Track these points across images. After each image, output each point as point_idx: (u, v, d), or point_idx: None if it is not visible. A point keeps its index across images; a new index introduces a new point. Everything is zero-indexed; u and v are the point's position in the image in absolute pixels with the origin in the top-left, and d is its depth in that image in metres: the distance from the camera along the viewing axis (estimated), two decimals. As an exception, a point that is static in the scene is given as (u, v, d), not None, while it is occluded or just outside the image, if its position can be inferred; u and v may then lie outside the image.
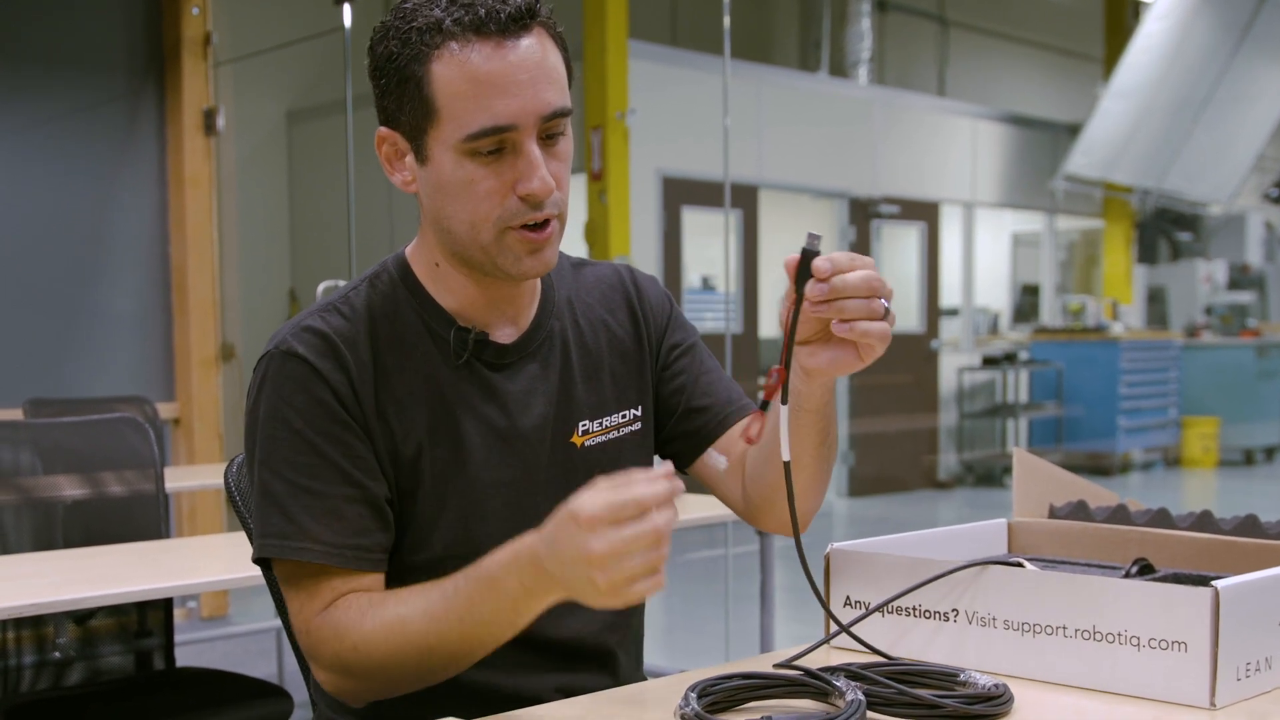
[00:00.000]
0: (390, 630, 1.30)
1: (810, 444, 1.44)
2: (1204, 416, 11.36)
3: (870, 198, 9.74)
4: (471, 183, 1.35)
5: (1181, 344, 11.58)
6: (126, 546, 2.62)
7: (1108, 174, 11.41)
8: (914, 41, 12.92)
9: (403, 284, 1.47)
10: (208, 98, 5.56)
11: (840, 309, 1.26)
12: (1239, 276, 13.49)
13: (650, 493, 1.13)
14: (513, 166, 1.35)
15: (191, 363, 5.54)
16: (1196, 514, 1.57)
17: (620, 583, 1.14)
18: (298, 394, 1.38)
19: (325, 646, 1.34)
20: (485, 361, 1.47)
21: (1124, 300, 12.32)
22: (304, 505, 1.35)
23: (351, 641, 1.32)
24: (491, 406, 1.46)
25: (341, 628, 1.33)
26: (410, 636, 1.29)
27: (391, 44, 1.35)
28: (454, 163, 1.35)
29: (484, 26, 1.31)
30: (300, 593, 1.36)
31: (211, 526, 5.60)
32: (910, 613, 1.36)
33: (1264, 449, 11.68)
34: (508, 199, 1.35)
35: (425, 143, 1.36)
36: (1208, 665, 1.17)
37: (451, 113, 1.33)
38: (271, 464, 1.37)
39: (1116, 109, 10.94)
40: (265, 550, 1.36)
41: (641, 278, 1.65)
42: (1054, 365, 10.91)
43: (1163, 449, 11.38)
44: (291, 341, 1.40)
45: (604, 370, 1.55)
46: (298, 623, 1.37)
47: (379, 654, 1.31)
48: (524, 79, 1.32)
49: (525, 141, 1.34)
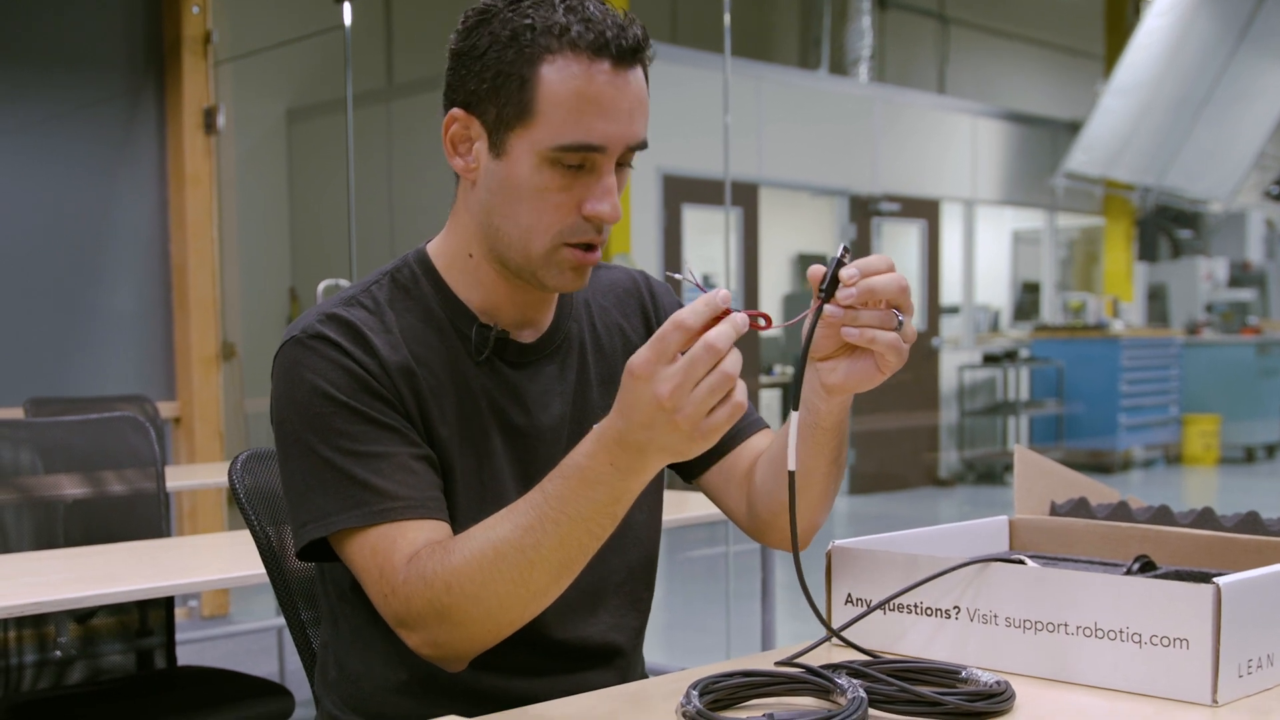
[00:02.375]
0: (482, 557, 1.25)
1: (823, 461, 1.45)
2: (1205, 414, 11.36)
3: (871, 195, 9.74)
4: (545, 190, 1.35)
5: (1182, 341, 11.58)
6: (127, 545, 2.62)
7: (1108, 171, 11.41)
8: (914, 39, 12.93)
9: (425, 278, 1.47)
10: (208, 96, 5.56)
11: (855, 316, 1.27)
12: (1240, 274, 13.50)
13: (689, 319, 1.14)
14: (587, 185, 1.36)
15: (192, 361, 5.54)
16: (1198, 511, 1.56)
17: (698, 416, 1.13)
18: (334, 370, 1.36)
19: (416, 599, 1.28)
20: (506, 360, 1.47)
21: (1125, 298, 12.32)
22: (374, 469, 1.33)
23: (444, 582, 1.27)
24: (511, 404, 1.46)
25: (429, 574, 1.28)
26: (506, 557, 1.24)
27: (500, 32, 1.34)
28: (533, 166, 1.34)
29: (605, 49, 1.32)
30: (377, 558, 1.32)
31: (212, 525, 5.60)
32: (912, 610, 1.36)
33: (1265, 446, 11.68)
34: (573, 215, 1.36)
35: (507, 138, 1.35)
36: (1209, 662, 1.17)
37: (550, 119, 1.33)
38: (328, 439, 1.34)
39: (1117, 106, 10.94)
40: (351, 521, 1.32)
41: (657, 285, 1.66)
42: (1055, 363, 10.91)
43: (1164, 446, 11.39)
44: (319, 327, 1.39)
45: (618, 374, 1.53)
46: (383, 588, 1.31)
47: (473, 587, 1.25)
48: (626, 109, 1.34)
49: (607, 165, 1.36)
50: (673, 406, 1.13)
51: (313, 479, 1.35)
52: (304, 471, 1.36)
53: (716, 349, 1.13)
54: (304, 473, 1.36)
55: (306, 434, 1.35)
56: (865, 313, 1.27)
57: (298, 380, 1.37)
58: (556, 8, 1.34)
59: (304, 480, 1.36)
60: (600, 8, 1.35)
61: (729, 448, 1.60)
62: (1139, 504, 1.63)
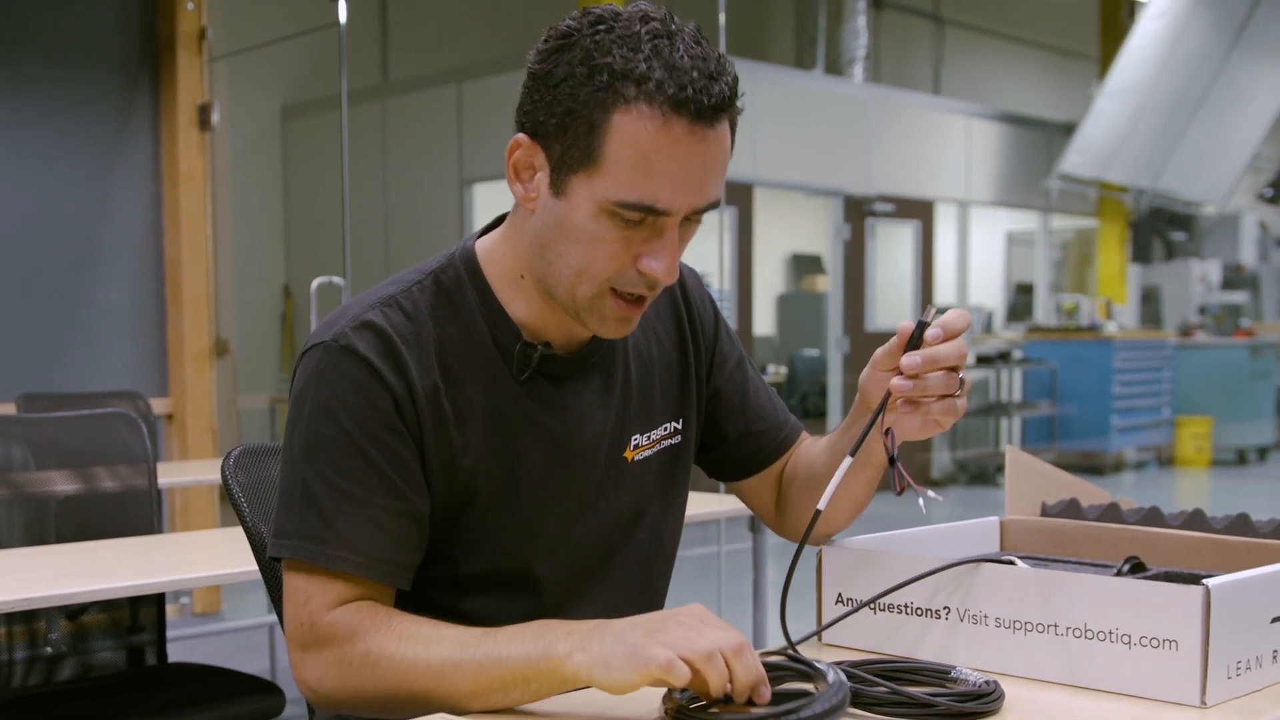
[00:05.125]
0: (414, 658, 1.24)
1: (862, 489, 1.48)
2: (1197, 416, 11.38)
3: (865, 196, 9.75)
4: (600, 240, 1.28)
5: (1175, 343, 11.60)
6: (119, 542, 2.62)
7: (1102, 173, 11.42)
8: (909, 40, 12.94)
9: (471, 285, 1.40)
10: (202, 93, 5.55)
11: (924, 386, 1.30)
12: (1233, 276, 13.52)
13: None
14: (646, 241, 1.29)
15: (185, 358, 5.53)
16: (1188, 513, 1.57)
17: (660, 640, 1.12)
18: (351, 393, 1.31)
19: (330, 644, 1.29)
20: (547, 374, 1.42)
21: (1118, 299, 12.33)
22: (344, 511, 1.30)
23: (364, 647, 1.27)
24: (551, 421, 1.42)
25: (359, 632, 1.28)
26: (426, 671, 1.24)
27: (577, 67, 1.25)
28: (591, 214, 1.27)
29: (684, 107, 1.22)
30: (313, 584, 1.30)
31: (204, 522, 5.59)
32: (902, 610, 1.37)
33: (1257, 449, 11.70)
34: (627, 266, 1.30)
35: (569, 180, 1.28)
36: (1198, 663, 1.18)
37: (614, 172, 1.25)
38: (315, 462, 1.31)
39: (1111, 108, 10.95)
40: (299, 552, 1.30)
41: (689, 279, 1.60)
42: (1048, 364, 10.93)
43: (1156, 448, 11.40)
44: (351, 336, 1.33)
45: (654, 380, 1.52)
46: (301, 614, 1.30)
47: (386, 671, 1.26)
48: (699, 172, 1.26)
49: (671, 224, 1.29)
50: (655, 630, 1.13)
51: (290, 493, 1.33)
52: (287, 483, 1.34)
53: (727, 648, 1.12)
54: (287, 484, 1.34)
55: (302, 448, 1.33)
56: (932, 377, 1.30)
57: (314, 393, 1.33)
58: (641, 46, 1.24)
59: (284, 490, 1.34)
60: (693, 51, 1.25)
61: (773, 458, 1.61)
62: (1130, 505, 1.63)
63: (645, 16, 1.26)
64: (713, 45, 1.28)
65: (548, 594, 1.43)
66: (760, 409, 1.60)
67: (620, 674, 1.12)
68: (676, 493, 1.56)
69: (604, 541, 1.47)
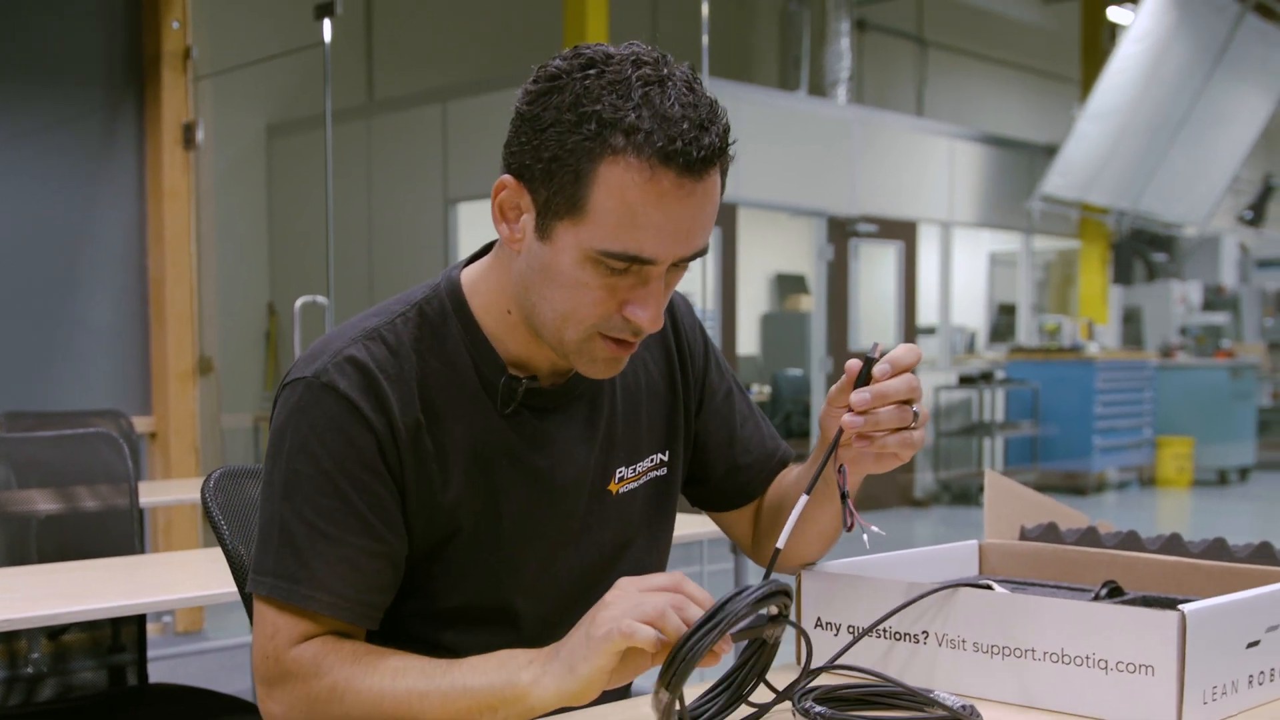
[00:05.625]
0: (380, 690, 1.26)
1: (832, 525, 1.47)
2: (1178, 436, 11.42)
3: (848, 216, 9.78)
4: (585, 286, 1.27)
5: (1156, 364, 11.64)
6: (101, 562, 2.61)
7: (1084, 195, 11.48)
8: (893, 61, 13.00)
9: (456, 317, 1.39)
10: (187, 111, 5.55)
11: (876, 420, 1.30)
12: (1213, 298, 13.59)
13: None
14: (632, 289, 1.27)
15: (168, 376, 5.52)
16: (1165, 537, 1.58)
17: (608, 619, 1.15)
18: (331, 433, 1.31)
19: (295, 679, 1.29)
20: (532, 407, 1.41)
21: (1099, 320, 12.38)
22: (320, 551, 1.30)
23: (330, 682, 1.28)
24: (535, 456, 1.41)
25: (323, 667, 1.28)
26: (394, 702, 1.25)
27: (565, 113, 1.22)
28: (576, 262, 1.26)
29: (673, 160, 1.20)
30: (282, 618, 1.31)
31: (187, 542, 5.57)
32: (880, 634, 1.37)
33: (1238, 469, 11.74)
34: (613, 312, 1.29)
35: (555, 225, 1.26)
36: (1174, 688, 1.19)
37: (599, 222, 1.23)
38: (292, 500, 1.31)
39: (1093, 130, 11.01)
40: (275, 591, 1.30)
41: (680, 308, 1.58)
42: (1030, 384, 10.96)
43: (1138, 469, 11.44)
44: (333, 373, 1.32)
45: (641, 411, 1.51)
46: (269, 647, 1.31)
47: (353, 704, 1.27)
48: (686, 224, 1.24)
49: (657, 275, 1.27)
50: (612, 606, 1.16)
51: (268, 530, 1.33)
52: (265, 519, 1.34)
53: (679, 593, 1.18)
54: (265, 520, 1.34)
55: (281, 485, 1.32)
56: (883, 412, 1.30)
57: (294, 429, 1.32)
58: (631, 94, 1.21)
59: (263, 527, 1.34)
60: (685, 100, 1.22)
61: (759, 491, 1.61)
62: (1108, 529, 1.64)
63: (638, 60, 1.24)
64: (704, 91, 1.26)
65: (528, 627, 1.42)
66: (747, 442, 1.60)
67: (587, 665, 1.15)
68: (662, 525, 1.55)
69: (587, 575, 1.46)
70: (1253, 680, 1.28)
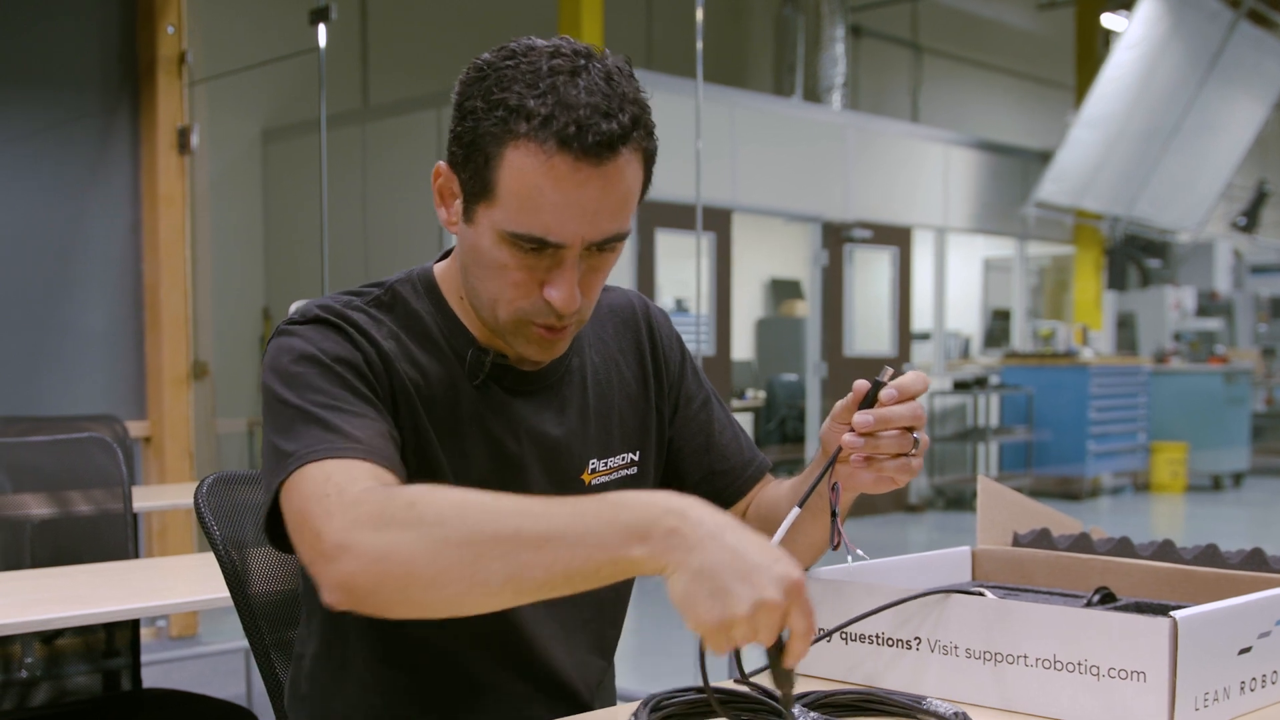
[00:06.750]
0: (465, 501, 1.11)
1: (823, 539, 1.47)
2: (1172, 442, 11.44)
3: (843, 222, 9.79)
4: (505, 267, 1.32)
5: (1150, 370, 11.66)
6: (95, 566, 2.61)
7: (1078, 201, 11.50)
8: (887, 67, 13.02)
9: (427, 296, 1.44)
10: (182, 116, 5.55)
11: (876, 445, 1.32)
12: (1207, 303, 13.61)
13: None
14: (549, 270, 1.31)
15: (163, 381, 5.52)
16: (1158, 543, 1.59)
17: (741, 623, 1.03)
18: (326, 341, 1.34)
19: (367, 508, 1.13)
20: (503, 385, 1.44)
21: (1094, 326, 12.40)
22: (345, 419, 1.26)
23: (409, 498, 1.13)
24: (504, 431, 1.43)
25: (396, 491, 1.16)
26: (486, 514, 1.09)
27: (478, 101, 1.29)
28: (493, 242, 1.31)
29: (568, 144, 1.24)
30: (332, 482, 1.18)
31: (182, 546, 5.57)
32: (872, 640, 1.38)
33: (1231, 474, 11.76)
34: (535, 295, 1.32)
35: (475, 208, 1.32)
36: (1166, 695, 1.19)
37: (507, 204, 1.28)
38: (305, 395, 1.28)
39: (1087, 137, 11.03)
40: (311, 455, 1.21)
41: (656, 315, 1.62)
42: (1024, 390, 10.97)
43: (1132, 474, 11.45)
44: (317, 311, 1.36)
45: (614, 410, 1.53)
46: (329, 505, 1.15)
47: (437, 511, 1.10)
48: (589, 209, 1.27)
49: (569, 257, 1.30)
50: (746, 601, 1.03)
51: (285, 427, 1.27)
52: (277, 428, 1.28)
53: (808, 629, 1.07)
54: (277, 429, 1.28)
55: (284, 392, 1.29)
56: (885, 436, 1.32)
57: (287, 349, 1.33)
58: (539, 83, 1.26)
59: (277, 429, 1.28)
60: (596, 88, 1.26)
61: (736, 498, 1.61)
62: (1101, 535, 1.65)
63: (556, 52, 1.28)
64: (632, 82, 1.29)
65: None
66: (724, 449, 1.61)
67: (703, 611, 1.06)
68: None
69: None
70: (1244, 686, 1.28)
